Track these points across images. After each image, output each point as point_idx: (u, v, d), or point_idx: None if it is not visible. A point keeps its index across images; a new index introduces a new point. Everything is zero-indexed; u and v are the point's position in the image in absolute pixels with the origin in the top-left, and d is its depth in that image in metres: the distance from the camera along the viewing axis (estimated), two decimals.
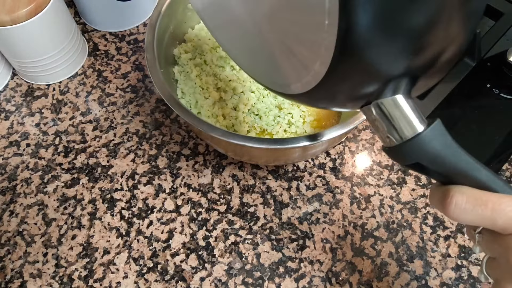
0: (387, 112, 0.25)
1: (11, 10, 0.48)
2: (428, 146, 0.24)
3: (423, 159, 0.24)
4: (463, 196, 0.24)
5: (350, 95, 0.26)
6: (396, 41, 0.21)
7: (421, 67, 0.24)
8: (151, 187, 0.50)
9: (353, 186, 0.51)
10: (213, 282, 0.45)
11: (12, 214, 0.49)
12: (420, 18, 0.21)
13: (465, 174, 0.24)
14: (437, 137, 0.24)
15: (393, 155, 0.26)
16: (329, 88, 0.25)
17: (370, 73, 0.23)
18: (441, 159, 0.24)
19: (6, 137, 0.54)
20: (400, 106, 0.24)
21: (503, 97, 0.54)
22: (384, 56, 0.22)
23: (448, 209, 0.24)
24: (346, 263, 0.46)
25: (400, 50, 0.22)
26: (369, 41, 0.21)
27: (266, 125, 0.47)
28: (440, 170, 0.25)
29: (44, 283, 0.45)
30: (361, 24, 0.20)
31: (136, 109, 0.56)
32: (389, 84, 0.24)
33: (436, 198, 0.25)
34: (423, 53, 0.23)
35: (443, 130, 0.24)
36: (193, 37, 0.52)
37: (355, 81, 0.24)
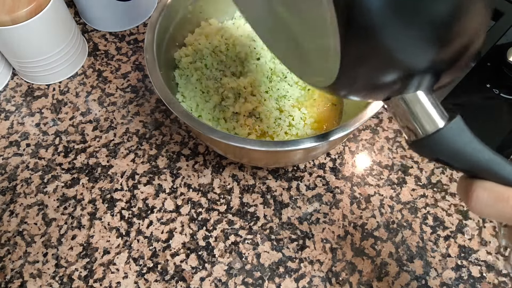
0: (409, 107, 0.25)
1: (11, 10, 0.48)
2: (449, 141, 0.24)
3: (444, 155, 0.24)
4: (485, 191, 0.24)
5: (371, 86, 0.25)
6: (414, 30, 0.21)
7: (445, 61, 0.23)
8: (151, 187, 0.50)
9: (353, 186, 0.51)
10: (213, 282, 0.45)
11: (12, 214, 0.49)
12: (441, 6, 0.20)
13: (487, 169, 0.24)
14: (458, 133, 0.24)
15: (415, 149, 0.26)
16: (350, 80, 0.25)
17: (390, 65, 0.22)
18: (462, 155, 0.24)
19: (6, 137, 0.54)
20: (422, 102, 0.24)
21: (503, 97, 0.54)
22: (403, 46, 0.21)
23: (470, 203, 0.24)
24: (346, 263, 0.46)
25: (421, 41, 0.21)
26: (383, 27, 0.20)
27: (267, 127, 0.47)
28: (462, 165, 0.25)
29: (44, 283, 0.45)
30: (371, 8, 0.19)
31: (136, 109, 0.56)
32: (411, 79, 0.23)
33: (460, 190, 0.26)
34: (447, 47, 0.22)
35: (464, 126, 0.24)
36: (194, 41, 0.52)
37: (374, 74, 0.23)
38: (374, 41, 0.20)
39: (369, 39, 0.20)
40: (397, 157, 0.53)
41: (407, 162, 0.52)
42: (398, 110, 0.25)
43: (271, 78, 0.50)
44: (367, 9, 0.19)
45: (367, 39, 0.20)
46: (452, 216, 0.49)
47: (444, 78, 0.25)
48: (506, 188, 0.24)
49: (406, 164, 0.52)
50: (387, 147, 0.53)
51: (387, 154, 0.53)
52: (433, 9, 0.20)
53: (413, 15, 0.20)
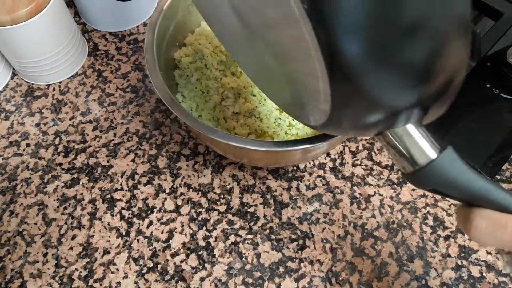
0: (400, 140, 0.25)
1: (11, 10, 0.48)
2: (442, 172, 0.24)
3: (438, 185, 0.25)
4: (483, 220, 0.24)
5: (360, 127, 0.26)
6: (394, 74, 0.21)
7: (430, 97, 0.24)
8: (151, 187, 0.50)
9: (353, 186, 0.51)
10: (213, 282, 0.45)
11: (12, 214, 0.49)
12: (417, 51, 0.20)
13: (483, 197, 0.24)
14: (450, 163, 0.24)
15: (411, 181, 0.26)
16: (340, 119, 0.25)
17: (376, 105, 0.23)
18: (456, 184, 0.24)
19: (6, 137, 0.54)
20: (412, 135, 0.25)
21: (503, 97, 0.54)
22: (386, 88, 0.22)
23: (470, 233, 0.24)
24: (346, 263, 0.46)
25: (401, 82, 0.22)
26: (363, 74, 0.20)
27: (267, 127, 0.47)
28: (456, 194, 0.25)
29: (44, 283, 0.45)
30: (349, 57, 0.20)
31: (136, 109, 0.56)
32: (399, 115, 0.24)
33: (459, 219, 0.26)
34: (429, 84, 0.22)
35: (455, 155, 0.24)
36: (194, 41, 0.52)
37: (362, 114, 0.24)
38: (358, 85, 0.21)
39: (354, 84, 0.21)
40: None
41: None
42: (390, 144, 0.26)
43: None
44: (348, 57, 0.20)
45: (352, 84, 0.21)
46: (452, 216, 0.49)
47: (432, 112, 0.25)
48: (503, 214, 0.24)
49: None
50: None
51: (387, 154, 0.53)
52: (410, 54, 0.20)
53: (390, 61, 0.20)
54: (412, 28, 0.19)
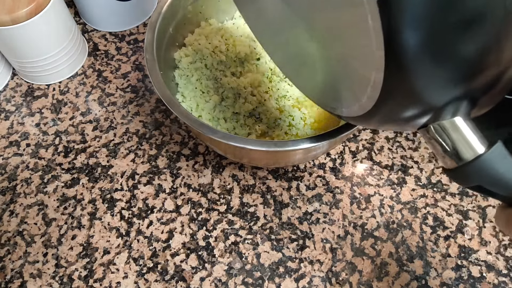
0: (446, 134, 0.24)
1: (11, 10, 0.48)
2: (490, 168, 0.23)
3: (484, 182, 0.24)
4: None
5: (405, 119, 0.25)
6: (448, 66, 0.21)
7: (479, 89, 0.23)
8: (151, 187, 0.50)
9: (353, 186, 0.51)
10: (213, 282, 0.45)
11: (12, 214, 0.49)
12: (474, 45, 0.20)
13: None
14: (499, 159, 0.23)
15: (454, 177, 0.25)
16: (384, 112, 0.25)
17: (425, 97, 0.22)
18: (504, 181, 0.23)
19: (6, 137, 0.54)
20: (459, 128, 0.24)
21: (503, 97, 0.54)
22: (439, 80, 0.21)
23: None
24: (346, 263, 0.46)
25: (454, 75, 0.21)
26: (420, 65, 0.20)
27: (267, 127, 0.48)
28: (503, 192, 0.24)
29: (44, 283, 0.45)
30: (409, 47, 0.19)
31: (136, 109, 0.56)
32: (446, 107, 0.23)
33: (501, 222, 0.25)
34: (480, 77, 0.22)
35: (505, 152, 0.23)
36: (194, 41, 0.52)
37: (409, 106, 0.23)
38: (412, 76, 0.21)
39: (408, 74, 0.21)
40: (397, 157, 0.53)
41: (407, 162, 0.52)
42: (435, 137, 0.24)
43: (271, 78, 0.50)
44: (408, 46, 0.19)
45: (406, 74, 0.21)
46: (452, 216, 0.49)
47: (481, 105, 0.24)
48: None
49: (406, 164, 0.52)
50: (387, 147, 0.53)
51: (387, 154, 0.53)
52: (466, 47, 0.20)
53: (447, 53, 0.20)
54: (472, 21, 0.19)
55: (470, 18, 0.19)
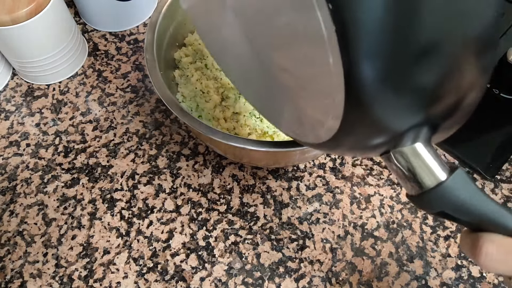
0: (407, 160, 0.24)
1: (11, 10, 0.48)
2: (452, 195, 0.23)
3: (447, 208, 0.23)
4: (493, 245, 0.23)
5: (366, 147, 0.25)
6: (407, 95, 0.21)
7: (439, 116, 0.23)
8: (151, 187, 0.50)
9: (353, 186, 0.51)
10: (213, 282, 0.45)
11: (12, 214, 0.49)
12: (432, 74, 0.20)
13: (492, 221, 0.23)
14: (461, 186, 0.23)
15: (417, 203, 0.25)
16: (344, 140, 0.25)
17: (385, 126, 0.22)
18: (466, 207, 0.23)
19: (6, 137, 0.54)
20: (420, 154, 0.24)
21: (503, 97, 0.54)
22: (398, 109, 0.21)
23: (479, 260, 0.23)
24: (346, 263, 0.46)
25: (413, 103, 0.21)
26: (379, 97, 0.20)
27: (267, 127, 0.47)
28: (466, 218, 0.24)
29: (44, 283, 0.45)
30: (367, 80, 0.20)
31: (136, 109, 0.56)
32: (406, 134, 0.23)
33: (466, 247, 0.25)
34: (439, 104, 0.22)
35: (466, 177, 0.23)
36: (194, 41, 0.52)
37: (370, 134, 0.23)
38: (371, 107, 0.21)
39: (367, 106, 0.21)
40: None
41: None
42: (397, 164, 0.24)
43: None
44: (365, 81, 0.20)
45: (365, 106, 0.21)
46: None
47: (442, 131, 0.24)
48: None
49: None
50: None
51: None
52: (424, 77, 0.20)
53: (404, 85, 0.20)
54: (428, 52, 0.19)
55: (426, 47, 0.19)
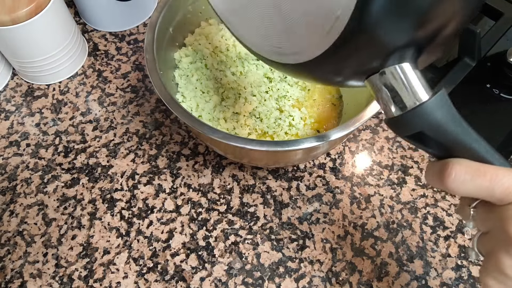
0: (393, 79, 0.25)
1: (11, 10, 0.48)
2: (433, 115, 0.24)
3: (427, 128, 0.25)
4: (462, 166, 0.24)
5: (357, 65, 0.26)
6: (404, 18, 0.23)
7: (426, 37, 0.25)
8: (151, 187, 0.50)
9: (353, 186, 0.51)
10: (213, 282, 0.45)
11: (12, 214, 0.49)
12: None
13: (466, 145, 0.25)
14: (442, 107, 0.24)
15: (397, 125, 0.26)
16: (336, 57, 0.25)
17: (378, 44, 0.24)
18: (445, 128, 0.24)
19: (6, 137, 0.54)
20: (407, 74, 0.25)
21: (503, 97, 0.54)
22: (393, 30, 0.23)
23: (447, 181, 0.24)
24: (346, 263, 0.46)
25: (407, 25, 0.23)
26: (381, 18, 0.22)
27: (267, 127, 0.48)
28: (442, 140, 0.25)
29: (44, 283, 0.45)
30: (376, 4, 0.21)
31: (136, 109, 0.56)
32: (395, 52, 0.24)
33: (433, 172, 0.26)
34: (428, 26, 0.24)
35: (448, 100, 0.25)
36: (194, 41, 0.52)
37: (363, 50, 0.24)
38: (372, 23, 0.22)
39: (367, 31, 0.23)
40: (397, 157, 0.53)
41: (407, 162, 0.52)
42: (384, 83, 0.25)
43: (271, 78, 0.50)
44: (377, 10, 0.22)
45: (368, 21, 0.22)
46: (452, 216, 0.49)
47: (426, 54, 0.26)
48: (481, 164, 0.24)
49: (406, 164, 0.52)
50: (387, 147, 0.53)
51: (387, 154, 0.53)
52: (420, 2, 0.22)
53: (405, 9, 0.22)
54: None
55: None
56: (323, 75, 0.30)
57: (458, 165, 0.24)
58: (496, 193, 0.24)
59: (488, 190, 0.24)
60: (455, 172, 0.24)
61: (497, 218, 0.24)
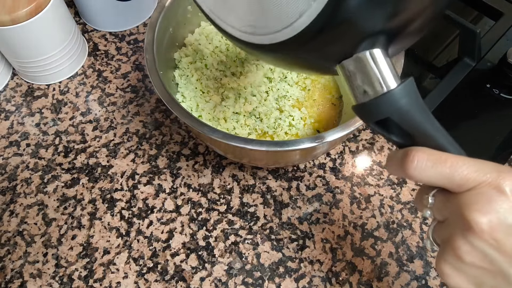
0: (364, 65, 0.26)
1: (11, 10, 0.48)
2: (401, 101, 0.25)
3: (393, 114, 0.25)
4: (424, 154, 0.25)
5: (330, 49, 0.27)
6: (380, 5, 0.23)
7: (398, 26, 0.26)
8: (151, 187, 0.50)
9: (353, 186, 0.51)
10: (213, 282, 0.45)
11: (12, 214, 0.49)
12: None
13: (429, 133, 0.26)
14: (409, 94, 0.25)
15: (365, 110, 0.27)
16: (309, 40, 0.26)
17: (352, 29, 0.24)
18: (411, 115, 0.25)
19: (6, 137, 0.54)
20: (377, 60, 0.26)
21: (503, 97, 0.54)
22: (368, 16, 0.24)
23: (410, 168, 0.25)
24: (346, 263, 0.46)
25: (382, 11, 0.24)
26: (357, 4, 0.23)
27: (267, 127, 0.48)
28: (406, 127, 0.26)
29: (44, 283, 0.45)
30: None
31: (136, 109, 0.56)
32: (368, 38, 0.25)
33: (396, 160, 0.27)
34: (401, 15, 0.25)
35: (415, 88, 0.26)
36: (194, 41, 0.52)
37: (337, 35, 0.25)
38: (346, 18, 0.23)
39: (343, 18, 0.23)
40: None
41: None
42: (356, 68, 0.26)
43: (271, 78, 0.50)
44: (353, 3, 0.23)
45: (341, 17, 0.23)
46: None
47: (397, 42, 0.27)
48: (441, 152, 0.25)
49: None
50: (387, 147, 0.53)
51: (387, 154, 0.53)
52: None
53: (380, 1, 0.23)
54: None
55: None
56: (296, 58, 0.30)
57: (421, 153, 0.25)
58: (456, 180, 0.24)
59: (448, 177, 0.24)
60: (417, 159, 0.25)
61: (455, 205, 0.25)
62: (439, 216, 0.27)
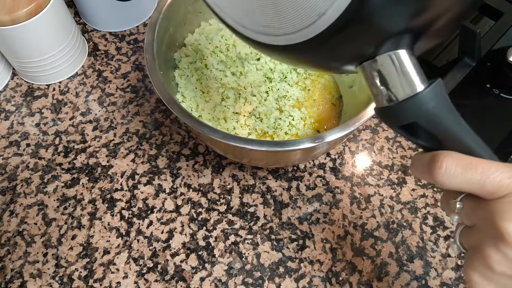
0: (387, 67, 0.24)
1: (11, 10, 0.48)
2: (428, 105, 0.23)
3: (421, 118, 0.24)
4: (453, 159, 0.23)
5: (351, 49, 0.25)
6: (403, 3, 0.22)
7: (424, 25, 0.24)
8: (151, 187, 0.50)
9: (353, 186, 0.51)
10: (213, 282, 0.45)
11: (12, 214, 0.49)
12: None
13: (458, 137, 0.24)
14: (437, 97, 0.24)
15: (389, 115, 0.25)
16: (330, 40, 0.24)
17: (374, 30, 0.23)
18: (439, 119, 0.24)
19: (6, 137, 0.54)
20: (402, 61, 0.24)
21: (503, 97, 0.54)
22: (390, 16, 0.22)
23: (438, 173, 0.24)
24: (346, 263, 0.46)
25: (405, 11, 0.22)
26: (380, 3, 0.21)
27: (267, 127, 0.48)
28: (434, 131, 0.24)
29: (44, 283, 0.45)
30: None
31: (136, 109, 0.56)
32: (391, 39, 0.23)
33: (421, 164, 0.25)
34: (426, 13, 0.23)
35: (443, 90, 0.24)
36: (194, 41, 0.52)
37: (358, 35, 0.23)
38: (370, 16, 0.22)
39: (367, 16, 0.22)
40: (397, 157, 0.53)
41: (407, 162, 0.52)
42: (377, 72, 0.25)
43: (271, 78, 0.50)
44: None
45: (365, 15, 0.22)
46: None
47: (423, 41, 0.25)
48: (471, 157, 0.24)
49: (406, 164, 0.52)
50: (387, 147, 0.53)
51: (387, 154, 0.53)
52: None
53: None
54: None
55: None
56: (314, 59, 0.29)
57: (449, 158, 0.24)
58: (487, 187, 0.23)
59: (479, 184, 0.23)
60: (446, 164, 0.23)
61: (486, 212, 0.23)
62: (468, 222, 0.25)
